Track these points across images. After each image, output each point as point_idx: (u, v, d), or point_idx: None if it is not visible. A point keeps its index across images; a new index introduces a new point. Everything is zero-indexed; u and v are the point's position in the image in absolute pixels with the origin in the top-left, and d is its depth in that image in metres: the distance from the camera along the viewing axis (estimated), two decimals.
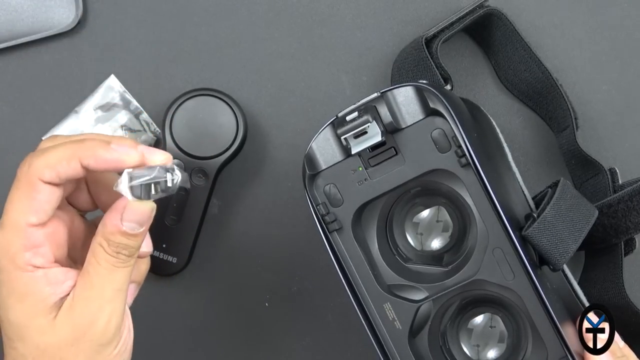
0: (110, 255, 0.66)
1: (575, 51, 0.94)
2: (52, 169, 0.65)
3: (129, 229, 0.66)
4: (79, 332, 0.66)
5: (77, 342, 0.67)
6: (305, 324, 0.96)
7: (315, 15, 0.95)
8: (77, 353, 0.67)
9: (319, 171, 0.76)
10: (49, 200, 0.66)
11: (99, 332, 0.67)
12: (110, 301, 0.67)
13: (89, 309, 0.66)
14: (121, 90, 0.94)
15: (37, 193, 0.65)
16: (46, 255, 0.67)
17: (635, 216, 0.83)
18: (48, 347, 0.66)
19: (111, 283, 0.67)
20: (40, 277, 0.66)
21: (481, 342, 0.79)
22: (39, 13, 0.93)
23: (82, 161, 0.66)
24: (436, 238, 0.79)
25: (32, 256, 0.66)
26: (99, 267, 0.67)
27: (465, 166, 0.73)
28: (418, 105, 0.73)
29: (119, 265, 0.67)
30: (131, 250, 0.67)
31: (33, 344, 0.67)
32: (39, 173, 0.65)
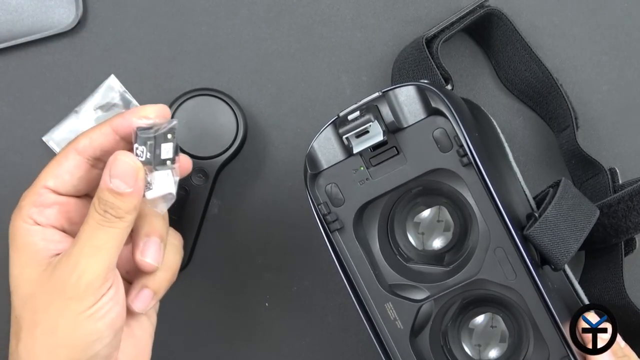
0: (98, 212, 0.68)
1: (575, 51, 0.94)
2: (86, 136, 0.72)
3: (115, 186, 0.68)
4: (54, 284, 0.68)
5: (50, 293, 0.68)
6: (305, 324, 0.96)
7: (315, 15, 0.95)
8: (49, 304, 0.68)
9: (321, 170, 0.76)
10: (71, 171, 0.72)
11: (69, 284, 0.68)
12: (86, 256, 0.68)
13: (67, 262, 0.68)
14: (121, 90, 0.94)
15: (64, 160, 0.72)
16: (50, 217, 0.71)
17: (636, 216, 0.83)
18: (29, 298, 0.69)
19: (92, 239, 0.68)
20: (36, 231, 0.71)
21: (482, 341, 0.79)
22: (39, 13, 0.93)
23: (112, 124, 0.72)
24: (437, 238, 0.79)
25: (36, 212, 0.71)
26: (86, 225, 0.69)
27: (466, 166, 0.73)
28: (419, 105, 0.73)
29: (104, 223, 0.68)
30: (118, 211, 0.68)
31: (19, 295, 0.70)
32: (75, 143, 0.72)
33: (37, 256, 0.70)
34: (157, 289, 0.75)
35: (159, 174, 0.70)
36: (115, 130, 0.71)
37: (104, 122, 0.72)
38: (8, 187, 0.94)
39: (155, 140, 0.69)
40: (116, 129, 0.71)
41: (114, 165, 0.68)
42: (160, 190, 0.70)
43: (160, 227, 0.74)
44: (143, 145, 0.69)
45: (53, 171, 0.72)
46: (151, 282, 0.74)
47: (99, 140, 0.72)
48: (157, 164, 0.70)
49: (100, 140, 0.72)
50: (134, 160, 0.69)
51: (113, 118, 0.72)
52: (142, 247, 0.73)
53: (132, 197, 0.69)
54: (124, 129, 0.71)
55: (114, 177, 0.68)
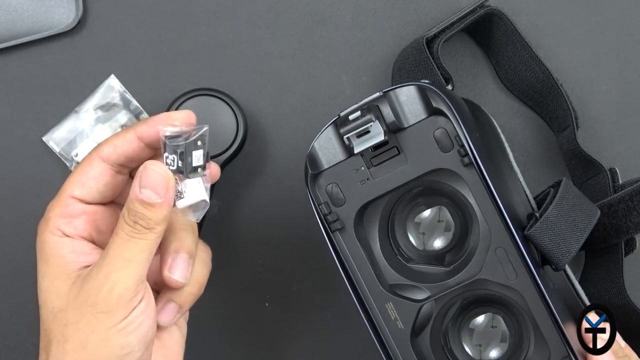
0: (127, 224, 0.68)
1: (575, 51, 0.94)
2: (110, 144, 0.72)
3: (145, 197, 0.67)
4: (84, 297, 0.67)
5: (81, 307, 0.67)
6: (305, 324, 0.96)
7: (315, 15, 0.95)
8: (79, 318, 0.67)
9: (321, 170, 0.76)
10: (96, 179, 0.72)
11: (101, 298, 0.67)
12: (116, 269, 0.67)
13: (98, 275, 0.67)
14: (121, 90, 0.94)
15: (89, 168, 0.72)
16: (78, 228, 0.71)
17: (636, 216, 0.83)
18: (59, 311, 0.68)
19: (122, 252, 0.68)
20: (65, 243, 0.70)
21: (483, 342, 0.79)
22: (39, 13, 0.93)
23: (135, 130, 0.72)
24: (438, 238, 0.79)
25: (64, 223, 0.71)
26: (116, 237, 0.68)
27: (467, 166, 0.72)
28: (420, 105, 0.73)
29: (134, 235, 0.68)
30: (148, 222, 0.68)
31: (49, 308, 0.69)
32: (99, 150, 0.72)
33: (67, 269, 0.69)
34: (183, 303, 0.75)
35: (191, 182, 0.70)
36: (140, 138, 0.72)
37: (128, 128, 0.72)
38: (8, 187, 0.94)
39: (186, 148, 0.69)
40: (141, 137, 0.72)
41: (143, 175, 0.68)
42: (192, 198, 0.70)
43: (189, 242, 0.74)
44: (173, 153, 0.69)
45: (78, 180, 0.71)
46: (177, 296, 0.74)
47: (123, 147, 0.72)
48: (189, 172, 0.69)
49: (124, 147, 0.72)
50: (164, 169, 0.69)
51: (137, 125, 0.72)
52: (170, 264, 0.72)
53: (163, 207, 0.68)
54: (149, 137, 0.71)
55: (144, 187, 0.68)
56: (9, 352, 0.96)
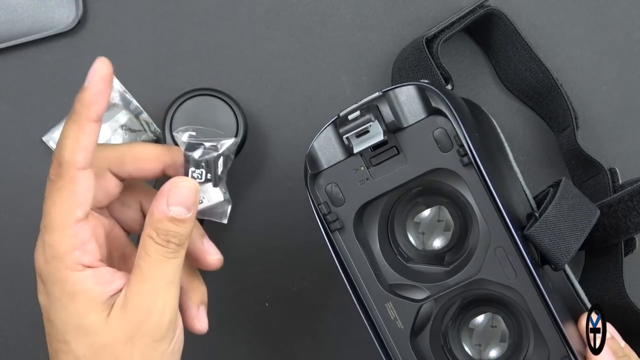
0: (160, 244, 0.66)
1: (575, 51, 0.94)
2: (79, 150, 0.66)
3: (176, 214, 0.66)
4: (132, 329, 0.66)
5: (131, 340, 0.66)
6: (305, 324, 0.96)
7: (315, 15, 0.95)
8: (131, 351, 0.66)
9: (321, 170, 0.76)
10: (88, 188, 0.67)
11: (153, 326, 0.66)
12: (162, 294, 0.67)
13: (142, 303, 0.66)
14: (121, 90, 0.94)
15: (76, 185, 0.66)
16: (93, 252, 0.67)
17: (636, 216, 0.83)
18: (102, 347, 0.66)
19: (162, 275, 0.67)
20: (89, 276, 0.67)
21: (482, 341, 0.78)
22: (39, 13, 0.93)
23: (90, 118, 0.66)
24: (437, 237, 0.79)
25: (80, 254, 0.66)
26: (149, 259, 0.67)
27: (467, 165, 0.72)
28: (420, 105, 0.73)
29: (169, 255, 0.67)
30: (180, 239, 0.67)
31: (87, 344, 0.66)
32: (73, 162, 0.66)
33: (96, 302, 0.66)
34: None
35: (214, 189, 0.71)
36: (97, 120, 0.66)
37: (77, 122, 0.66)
38: (8, 187, 0.94)
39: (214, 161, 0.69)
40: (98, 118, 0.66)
41: (173, 193, 0.67)
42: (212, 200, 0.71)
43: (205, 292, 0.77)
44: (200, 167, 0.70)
45: (73, 202, 0.66)
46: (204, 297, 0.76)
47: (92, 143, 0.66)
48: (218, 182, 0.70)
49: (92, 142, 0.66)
50: (194, 184, 0.68)
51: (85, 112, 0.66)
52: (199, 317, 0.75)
53: (191, 220, 0.68)
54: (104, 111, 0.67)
55: (173, 204, 0.67)
56: (9, 352, 0.96)
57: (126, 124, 0.94)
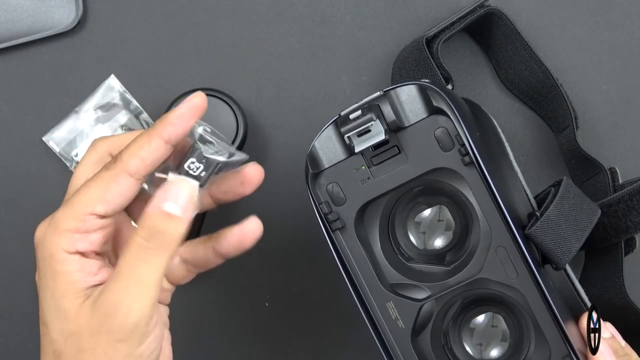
0: (142, 238, 0.64)
1: (575, 51, 0.94)
2: (136, 156, 0.66)
3: (167, 208, 0.64)
4: (97, 323, 0.65)
5: (95, 333, 0.65)
6: (305, 324, 0.96)
7: (315, 15, 0.95)
8: (95, 345, 0.65)
9: (322, 170, 0.76)
10: (123, 195, 0.66)
11: (116, 325, 0.64)
12: (131, 295, 0.64)
13: (110, 299, 0.64)
14: (121, 90, 0.94)
15: (116, 184, 0.66)
16: (94, 242, 0.67)
17: (636, 215, 0.83)
18: (70, 335, 0.65)
19: (135, 275, 0.65)
20: (74, 261, 0.66)
21: (483, 341, 0.78)
22: (39, 13, 0.93)
23: (162, 136, 0.66)
24: (438, 237, 0.79)
25: (79, 239, 0.66)
26: (127, 256, 0.65)
27: (468, 165, 0.72)
28: (421, 104, 0.73)
29: (148, 255, 0.64)
30: (163, 239, 0.65)
31: (58, 329, 0.66)
32: (125, 165, 0.66)
33: (73, 287, 0.65)
34: None
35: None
36: (168, 142, 0.67)
37: (148, 133, 0.67)
38: (8, 187, 0.94)
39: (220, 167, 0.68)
40: (169, 140, 0.66)
41: (169, 189, 0.65)
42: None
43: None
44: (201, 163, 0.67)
45: (102, 196, 0.66)
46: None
47: (152, 158, 0.66)
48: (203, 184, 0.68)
49: (152, 157, 0.66)
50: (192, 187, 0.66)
51: (160, 128, 0.66)
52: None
53: (181, 222, 0.65)
54: (178, 137, 0.67)
55: (168, 201, 0.65)
56: (9, 352, 0.96)
57: (126, 124, 0.94)
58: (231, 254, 0.73)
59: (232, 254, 0.73)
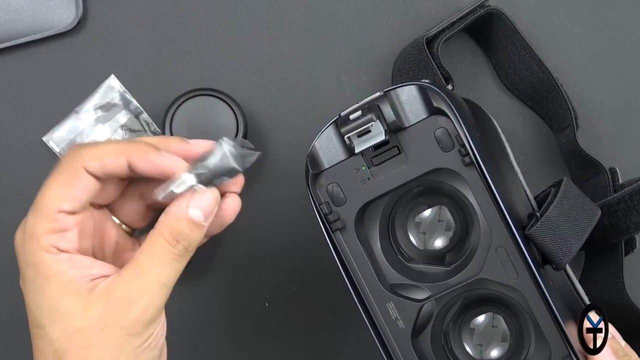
0: (168, 242, 0.66)
1: (575, 51, 0.94)
2: (99, 160, 0.66)
3: (195, 215, 0.66)
4: (111, 317, 0.65)
5: (106, 328, 0.65)
6: (305, 324, 0.96)
7: (315, 15, 0.95)
8: (105, 339, 0.65)
9: (322, 170, 0.76)
10: (87, 190, 0.67)
11: (132, 320, 0.65)
12: (152, 293, 0.66)
13: (128, 295, 0.65)
14: (121, 90, 0.94)
15: (78, 181, 0.66)
16: (72, 241, 0.67)
17: (636, 216, 0.83)
18: (77, 331, 0.65)
19: (159, 275, 0.66)
20: (64, 260, 0.66)
21: (484, 341, 0.79)
22: (39, 13, 0.93)
23: (129, 159, 0.67)
24: (438, 237, 0.79)
25: (58, 239, 0.66)
26: (152, 256, 0.66)
27: (468, 165, 0.72)
28: (421, 104, 0.73)
29: (173, 257, 0.66)
30: (190, 243, 0.67)
31: (62, 327, 0.65)
32: (85, 162, 0.66)
33: (72, 286, 0.65)
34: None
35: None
36: (131, 167, 0.68)
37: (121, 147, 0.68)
38: (8, 187, 0.94)
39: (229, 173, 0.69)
40: (133, 167, 0.68)
41: (197, 197, 0.66)
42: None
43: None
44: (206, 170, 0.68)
45: (66, 192, 0.66)
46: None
47: (111, 168, 0.67)
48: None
49: (112, 168, 0.67)
50: (216, 195, 0.68)
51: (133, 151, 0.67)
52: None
53: (204, 229, 0.68)
54: (141, 171, 0.68)
55: (194, 207, 0.66)
56: (9, 352, 0.96)
57: (126, 124, 0.94)
58: (214, 231, 0.73)
59: (214, 231, 0.73)
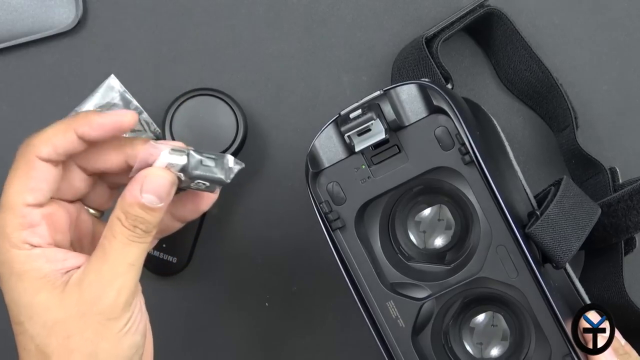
0: (127, 228, 0.65)
1: (575, 51, 0.94)
2: (48, 143, 0.66)
3: (147, 201, 0.65)
4: (86, 305, 0.65)
5: (84, 316, 0.65)
6: (305, 324, 0.96)
7: (315, 15, 0.95)
8: (84, 327, 0.65)
9: (322, 169, 0.76)
10: (46, 179, 0.66)
11: (108, 305, 0.65)
12: (121, 275, 0.66)
13: (99, 281, 0.65)
14: (121, 90, 0.94)
15: (34, 171, 0.66)
16: (44, 235, 0.67)
17: (635, 215, 0.83)
18: (56, 324, 0.65)
19: (125, 257, 0.66)
20: (37, 255, 0.66)
21: (484, 340, 0.79)
22: (39, 13, 0.93)
23: (76, 130, 0.66)
24: (438, 236, 0.79)
25: (28, 235, 0.66)
26: (114, 240, 0.66)
27: (468, 164, 0.73)
28: (421, 103, 0.73)
29: (135, 239, 0.66)
30: (148, 226, 0.66)
31: (40, 322, 0.65)
32: (36, 150, 0.66)
33: (47, 280, 0.65)
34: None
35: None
36: (81, 138, 0.67)
37: (66, 123, 0.67)
38: None
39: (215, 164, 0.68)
40: (82, 137, 0.67)
41: (147, 181, 0.66)
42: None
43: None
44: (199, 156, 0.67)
45: (26, 186, 0.66)
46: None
47: (64, 146, 0.67)
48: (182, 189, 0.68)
49: (64, 146, 0.67)
50: (171, 175, 0.66)
51: (78, 122, 0.67)
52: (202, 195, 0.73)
53: (162, 210, 0.67)
54: (90, 137, 0.67)
55: (147, 192, 0.65)
56: (9, 352, 0.95)
57: None
58: (189, 217, 0.74)
59: (189, 217, 0.74)
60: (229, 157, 0.69)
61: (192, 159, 0.67)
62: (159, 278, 0.93)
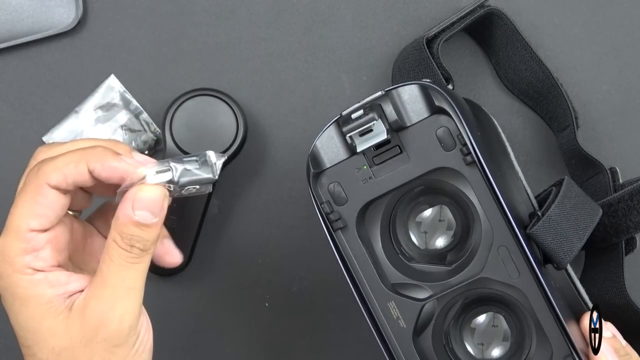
0: (123, 249, 0.65)
1: (575, 51, 0.94)
2: (60, 172, 0.65)
3: (141, 218, 0.64)
4: (90, 333, 0.65)
5: (89, 343, 0.65)
6: (305, 324, 0.96)
7: (315, 15, 0.95)
8: (91, 355, 0.65)
9: (323, 169, 0.76)
10: (54, 207, 0.65)
11: (111, 332, 0.65)
12: (121, 300, 0.65)
13: (100, 308, 0.65)
14: (121, 90, 0.94)
15: (42, 197, 0.65)
16: (47, 259, 0.66)
17: (636, 215, 0.83)
18: (63, 350, 0.65)
19: (123, 281, 0.65)
20: (40, 280, 0.65)
21: (485, 340, 0.79)
22: (39, 13, 0.93)
23: (89, 164, 0.65)
24: (440, 237, 0.79)
25: (32, 259, 0.65)
26: (112, 264, 0.65)
27: (470, 164, 0.72)
28: (423, 104, 0.73)
29: (132, 260, 0.65)
30: (145, 244, 0.65)
31: (48, 347, 0.65)
32: (47, 177, 0.65)
33: (50, 306, 0.65)
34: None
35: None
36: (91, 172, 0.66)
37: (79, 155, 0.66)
38: (8, 187, 0.94)
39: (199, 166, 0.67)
40: (93, 172, 0.66)
41: (138, 198, 0.65)
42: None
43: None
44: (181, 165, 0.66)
45: (32, 211, 0.65)
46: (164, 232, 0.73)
47: (73, 178, 0.65)
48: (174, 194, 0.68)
49: (74, 178, 0.65)
50: (160, 190, 0.65)
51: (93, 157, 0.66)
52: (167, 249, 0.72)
53: (158, 225, 0.66)
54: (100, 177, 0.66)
55: (139, 209, 0.64)
56: (9, 352, 0.95)
57: (126, 124, 0.94)
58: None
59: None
60: (209, 154, 0.68)
61: (175, 171, 0.66)
62: (159, 278, 0.93)
